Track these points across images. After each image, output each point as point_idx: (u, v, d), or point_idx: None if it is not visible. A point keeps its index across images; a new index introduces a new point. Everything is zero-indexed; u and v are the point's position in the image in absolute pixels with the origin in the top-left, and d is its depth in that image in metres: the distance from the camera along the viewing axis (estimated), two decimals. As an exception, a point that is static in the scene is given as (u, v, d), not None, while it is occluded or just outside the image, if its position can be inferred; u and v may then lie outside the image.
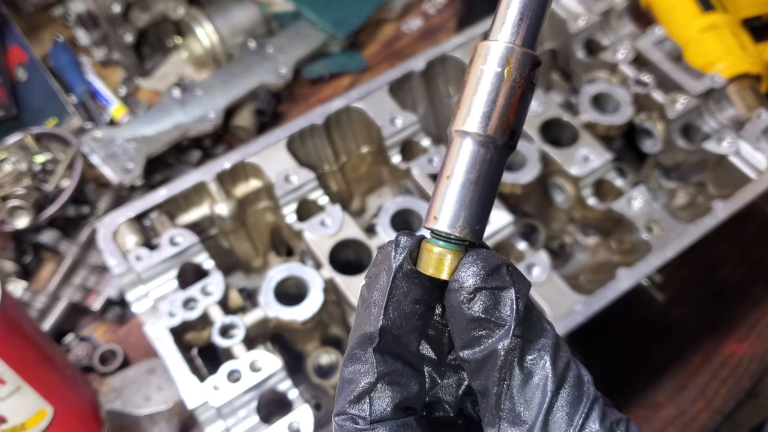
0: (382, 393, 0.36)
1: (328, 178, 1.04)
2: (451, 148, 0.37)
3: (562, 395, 0.35)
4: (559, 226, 1.05)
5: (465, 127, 0.36)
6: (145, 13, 1.26)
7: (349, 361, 0.37)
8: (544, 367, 0.35)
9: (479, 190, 0.37)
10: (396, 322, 0.37)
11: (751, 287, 1.11)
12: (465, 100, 0.37)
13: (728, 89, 1.03)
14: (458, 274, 0.36)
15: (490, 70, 0.36)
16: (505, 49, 0.36)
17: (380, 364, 0.36)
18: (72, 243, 1.06)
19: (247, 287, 1.02)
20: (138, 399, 0.90)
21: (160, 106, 1.18)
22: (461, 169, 0.37)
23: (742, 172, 0.94)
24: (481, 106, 0.36)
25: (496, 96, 0.36)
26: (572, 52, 1.08)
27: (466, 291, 0.35)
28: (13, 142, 1.10)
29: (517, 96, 0.36)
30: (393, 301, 0.36)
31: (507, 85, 0.36)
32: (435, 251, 0.37)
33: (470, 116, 0.36)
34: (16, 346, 0.75)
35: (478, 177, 0.37)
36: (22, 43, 1.21)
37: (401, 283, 0.37)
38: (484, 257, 0.36)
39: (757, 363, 1.03)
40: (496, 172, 0.37)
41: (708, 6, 1.15)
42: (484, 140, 0.36)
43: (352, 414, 0.36)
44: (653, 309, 1.07)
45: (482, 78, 0.37)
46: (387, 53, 1.38)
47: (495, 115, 0.36)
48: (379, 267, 0.37)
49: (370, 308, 0.37)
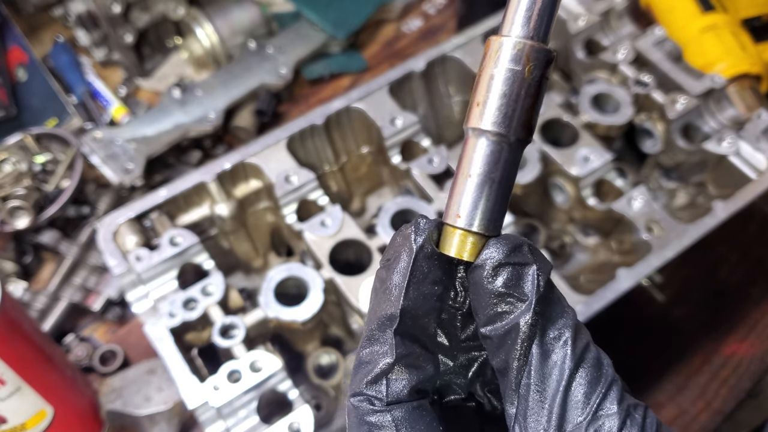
0: (399, 375, 0.37)
1: (328, 178, 1.04)
2: (468, 145, 0.37)
3: (581, 374, 0.35)
4: (559, 226, 1.05)
5: (482, 125, 0.36)
6: (145, 14, 1.26)
7: (367, 342, 0.38)
8: (563, 345, 0.36)
9: (496, 188, 0.37)
10: (415, 303, 0.37)
11: (751, 287, 1.11)
12: (480, 97, 0.37)
13: (728, 89, 1.03)
14: (484, 252, 0.37)
15: (506, 67, 0.36)
16: (520, 45, 0.36)
17: (399, 345, 0.37)
18: (72, 243, 1.06)
19: (247, 287, 1.02)
20: (138, 399, 0.90)
21: (160, 106, 1.18)
22: (478, 168, 0.37)
23: (742, 173, 0.94)
24: (498, 103, 0.36)
25: (512, 93, 0.36)
26: (572, 52, 1.08)
27: (490, 265, 0.36)
28: (13, 143, 1.10)
29: (534, 92, 0.36)
30: (414, 281, 0.37)
31: (523, 82, 0.36)
32: (458, 233, 0.37)
33: (486, 114, 0.36)
34: (16, 346, 0.75)
35: (495, 175, 0.37)
36: (22, 44, 1.21)
37: (422, 263, 0.37)
38: (508, 237, 0.37)
39: (757, 363, 1.03)
40: (512, 168, 0.38)
41: (708, 6, 1.15)
42: (500, 138, 0.36)
43: (368, 395, 0.37)
44: (653, 309, 1.07)
45: (497, 74, 0.36)
46: (387, 53, 1.38)
47: (512, 112, 0.36)
48: (398, 249, 0.38)
49: (390, 290, 0.37)
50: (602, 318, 0.81)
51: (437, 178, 0.93)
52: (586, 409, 0.35)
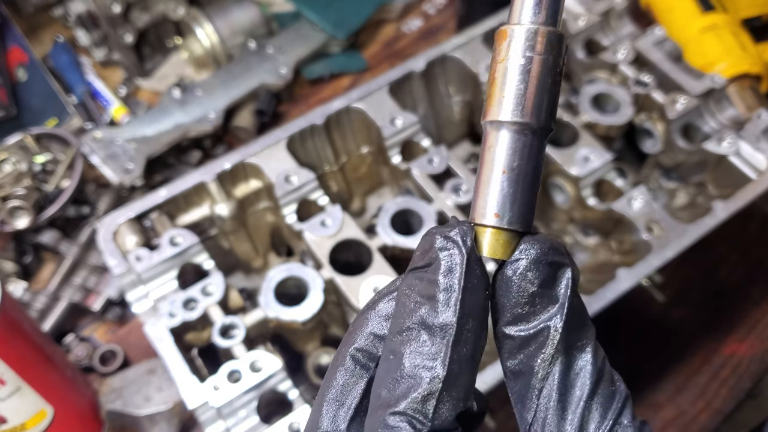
0: (447, 397, 0.33)
1: (328, 178, 1.04)
2: (487, 140, 0.36)
3: (601, 388, 0.35)
4: (559, 226, 1.05)
5: (501, 116, 0.35)
6: (145, 14, 1.26)
7: (413, 351, 0.34)
8: (586, 357, 0.35)
9: (523, 180, 0.35)
10: (472, 311, 0.34)
11: (751, 287, 1.11)
12: (495, 89, 0.36)
13: (728, 89, 1.03)
14: (521, 247, 0.35)
15: (520, 55, 0.35)
16: (530, 31, 0.35)
17: (452, 359, 0.33)
18: (72, 243, 1.06)
19: (247, 287, 1.02)
20: (138, 399, 0.90)
21: (160, 106, 1.18)
22: (502, 161, 0.35)
23: (742, 173, 0.94)
24: (515, 92, 0.35)
25: (529, 80, 0.35)
26: (572, 52, 1.08)
27: (526, 262, 0.34)
28: (13, 143, 1.10)
29: (551, 77, 0.35)
30: (468, 288, 0.34)
31: (539, 68, 0.35)
32: (489, 231, 0.35)
33: (505, 105, 0.35)
34: (16, 346, 0.75)
35: (520, 166, 0.35)
36: (22, 44, 1.21)
37: (474, 267, 0.34)
38: (544, 236, 0.36)
39: (757, 363, 1.03)
40: (538, 157, 0.36)
41: (708, 6, 1.15)
42: (520, 127, 0.35)
43: (411, 416, 0.32)
44: (653, 309, 1.07)
45: (512, 64, 0.35)
46: (387, 53, 1.38)
47: (531, 100, 0.35)
48: (441, 252, 0.34)
49: (442, 297, 0.34)
50: (602, 318, 0.81)
51: (437, 178, 0.93)
52: (603, 423, 0.34)
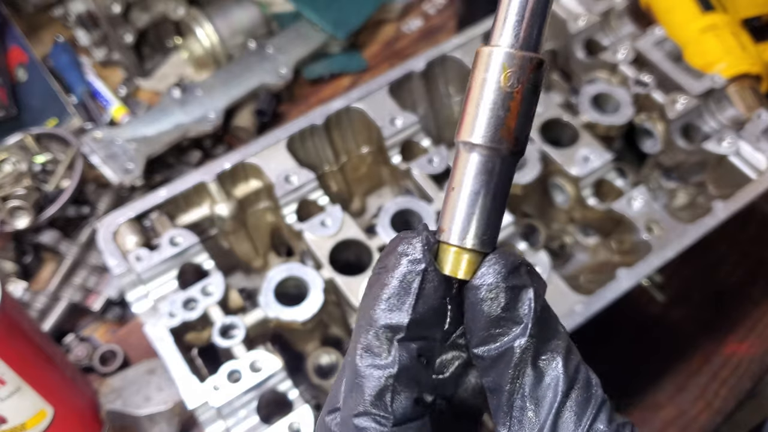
0: (402, 389, 0.36)
1: (328, 178, 1.04)
2: (458, 159, 0.37)
3: (572, 396, 0.36)
4: (559, 226, 1.05)
5: (469, 138, 0.36)
6: (145, 14, 1.26)
7: (366, 353, 0.36)
8: (556, 367, 0.36)
9: (489, 202, 0.37)
10: (423, 316, 0.36)
11: (751, 287, 1.11)
12: (468, 109, 0.37)
13: (728, 89, 1.03)
14: (480, 272, 0.36)
15: (490, 78, 0.36)
16: (503, 55, 0.36)
17: (402, 357, 0.36)
18: (72, 243, 1.06)
19: (247, 287, 1.02)
20: (138, 399, 0.90)
21: (160, 106, 1.18)
22: (468, 181, 0.37)
23: (742, 172, 0.94)
24: (483, 116, 0.36)
25: (495, 105, 0.36)
26: (572, 52, 1.08)
27: (487, 288, 0.36)
28: (13, 143, 1.10)
29: (516, 102, 0.36)
30: (423, 295, 0.36)
31: (513, 94, 0.36)
32: (452, 250, 0.37)
33: (472, 127, 0.36)
34: (16, 346, 0.75)
35: (487, 189, 0.37)
36: (22, 44, 1.21)
37: (431, 278, 0.36)
38: (505, 257, 0.36)
39: (757, 363, 1.03)
40: (504, 181, 0.37)
41: (708, 6, 1.15)
42: (488, 151, 0.36)
43: (374, 414, 0.35)
44: (653, 309, 1.07)
45: (483, 86, 0.36)
46: (387, 53, 1.38)
47: (496, 124, 0.36)
48: (399, 259, 0.37)
49: (395, 301, 0.36)
50: (602, 318, 0.81)
51: (437, 178, 0.93)
52: (578, 429, 0.35)
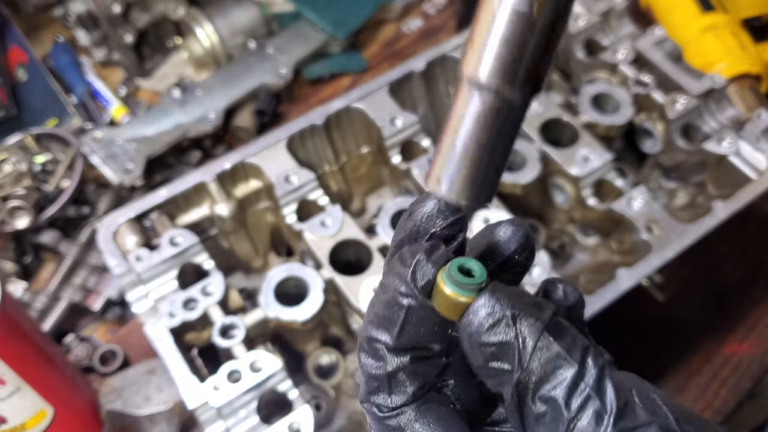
0: (400, 384, 0.36)
1: (328, 178, 1.04)
2: (461, 95, 0.31)
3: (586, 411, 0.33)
4: (559, 226, 1.05)
5: (480, 76, 0.29)
6: (145, 14, 1.26)
7: (363, 351, 0.37)
8: (555, 405, 0.34)
9: (492, 154, 0.31)
10: (411, 339, 0.36)
11: (751, 287, 1.11)
12: (479, 37, 0.29)
13: (728, 89, 1.03)
14: (461, 322, 0.35)
15: (510, 6, 0.28)
16: None
17: (394, 362, 0.36)
18: (72, 243, 1.06)
19: (247, 287, 1.02)
20: (138, 399, 0.90)
21: (160, 106, 1.18)
22: (472, 129, 0.31)
23: (742, 172, 0.94)
24: (501, 52, 0.29)
25: (520, 39, 0.28)
26: (572, 52, 1.08)
27: (467, 342, 0.35)
28: (13, 143, 1.10)
29: (545, 38, 0.29)
30: (409, 324, 0.36)
31: (535, 26, 0.28)
32: (448, 293, 0.34)
33: (486, 62, 0.29)
34: (16, 346, 0.75)
35: (491, 139, 0.31)
36: (22, 44, 1.21)
37: (417, 313, 0.36)
38: (489, 306, 0.34)
39: (757, 363, 1.03)
40: (514, 128, 0.31)
41: (708, 6, 1.15)
42: (503, 97, 0.30)
43: (374, 402, 0.37)
44: (653, 309, 1.07)
45: (500, 14, 0.28)
46: (387, 53, 1.38)
47: (518, 65, 0.29)
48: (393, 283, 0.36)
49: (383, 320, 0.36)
50: (602, 318, 0.81)
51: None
52: None
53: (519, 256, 0.39)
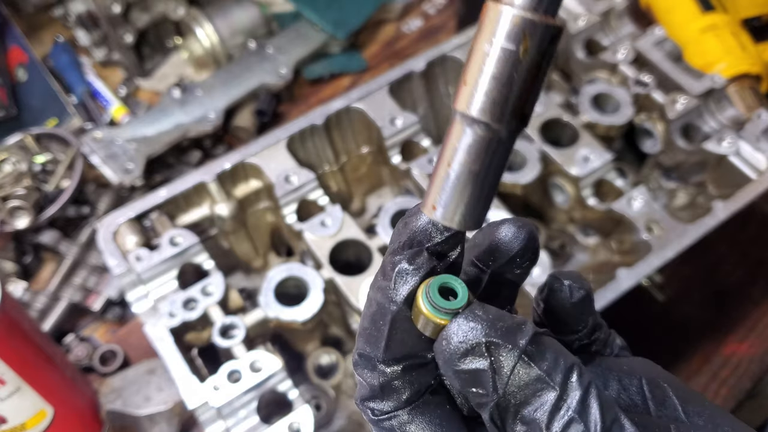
0: (391, 393, 0.37)
1: (328, 178, 1.04)
2: (454, 129, 0.33)
3: None
4: (559, 226, 1.05)
5: (471, 111, 0.32)
6: (145, 14, 1.26)
7: (356, 366, 0.38)
8: (536, 428, 0.33)
9: (483, 182, 0.33)
10: (398, 350, 0.36)
11: (751, 287, 1.11)
12: (470, 77, 0.32)
13: (728, 89, 1.03)
14: (436, 349, 0.34)
15: (502, 45, 0.31)
16: (521, 20, 0.30)
17: (384, 374, 0.36)
18: (72, 243, 1.06)
19: (247, 287, 1.02)
20: (138, 399, 0.90)
21: (160, 106, 1.18)
22: (464, 159, 0.33)
23: (742, 172, 0.94)
24: (491, 89, 0.31)
25: (508, 78, 0.31)
26: (572, 52, 1.08)
27: (443, 367, 0.35)
28: (13, 143, 1.10)
29: (532, 77, 0.31)
30: (394, 338, 0.36)
31: (519, 64, 0.31)
32: (424, 312, 0.34)
33: (476, 99, 0.31)
34: (16, 346, 0.75)
35: (483, 168, 0.33)
36: (22, 44, 1.21)
37: (402, 324, 0.35)
38: (462, 333, 0.33)
39: (757, 363, 1.03)
40: (503, 159, 0.34)
41: (708, 6, 1.15)
42: (492, 129, 0.32)
43: (368, 407, 0.38)
44: (653, 309, 1.07)
45: (492, 53, 0.31)
46: (387, 53, 1.38)
47: (505, 100, 0.31)
48: (377, 295, 0.36)
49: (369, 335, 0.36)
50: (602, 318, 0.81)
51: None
52: None
53: (521, 258, 0.38)
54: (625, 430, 0.33)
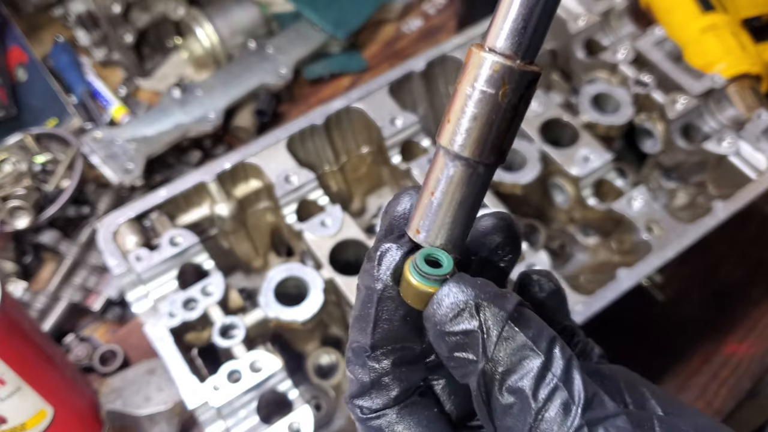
0: (382, 389, 0.38)
1: (328, 178, 1.04)
2: (437, 162, 0.36)
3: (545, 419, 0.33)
4: (559, 226, 1.05)
5: (453, 147, 0.35)
6: (145, 14, 1.26)
7: (348, 362, 0.39)
8: (522, 395, 0.33)
9: (463, 210, 0.36)
10: (386, 335, 0.37)
11: (751, 287, 1.11)
12: (453, 116, 0.35)
13: (728, 89, 1.03)
14: (425, 313, 0.35)
15: (483, 89, 0.34)
16: (500, 67, 0.33)
17: (374, 369, 0.37)
18: (72, 243, 1.06)
19: (247, 287, 1.02)
20: (138, 399, 0.90)
21: (160, 106, 1.18)
22: (446, 189, 0.36)
23: (742, 172, 0.94)
24: (474, 129, 0.34)
25: (489, 119, 0.34)
26: (572, 52, 1.08)
27: (432, 332, 0.35)
28: (13, 143, 1.10)
29: (510, 118, 0.34)
30: (382, 319, 0.37)
31: (497, 107, 0.34)
32: (413, 283, 0.36)
33: (458, 136, 0.34)
34: (16, 346, 0.75)
35: (463, 198, 0.36)
36: (22, 44, 1.21)
37: (387, 303, 0.37)
38: (452, 295, 0.35)
39: (757, 363, 1.03)
40: (482, 190, 0.36)
41: (708, 6, 1.15)
42: (472, 164, 0.35)
43: (357, 404, 0.39)
44: (653, 309, 1.07)
45: (474, 96, 0.34)
46: (387, 53, 1.38)
47: (485, 139, 0.34)
48: (364, 280, 0.37)
49: (359, 323, 0.38)
50: (602, 318, 0.81)
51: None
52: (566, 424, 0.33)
53: (502, 250, 0.40)
54: (606, 404, 0.34)
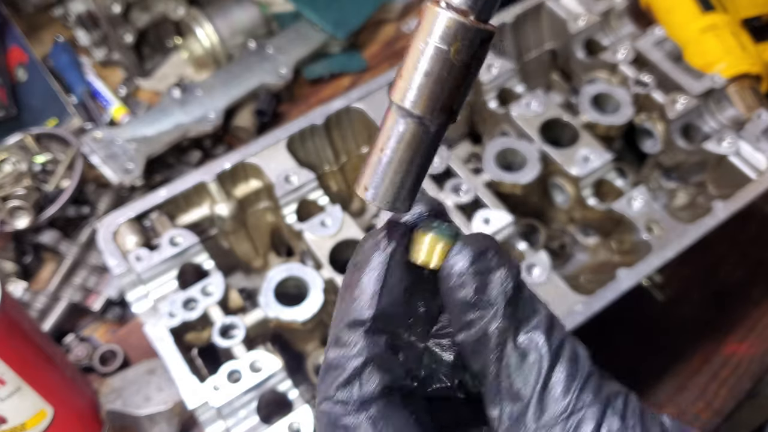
0: (370, 376, 0.37)
1: (329, 178, 1.04)
2: (389, 118, 0.36)
3: (557, 371, 0.36)
4: (559, 226, 1.05)
5: (404, 104, 0.35)
6: (145, 14, 1.26)
7: (335, 345, 0.38)
8: (537, 345, 0.36)
9: (412, 168, 0.36)
10: (388, 308, 0.37)
11: (751, 287, 1.11)
12: (406, 72, 0.34)
13: (728, 89, 1.03)
14: (447, 261, 0.37)
15: (435, 45, 0.33)
16: (454, 23, 0.33)
17: (369, 347, 0.37)
18: (72, 243, 1.06)
19: (247, 287, 1.02)
20: (138, 399, 0.90)
21: (160, 106, 1.18)
22: (395, 146, 0.36)
23: (742, 172, 0.94)
24: (425, 85, 0.34)
25: (440, 76, 0.34)
26: (572, 52, 1.08)
27: (456, 276, 0.36)
28: (13, 143, 1.10)
29: (462, 76, 0.34)
30: (387, 287, 0.37)
31: (449, 64, 0.33)
32: (426, 240, 0.37)
33: (410, 93, 0.34)
34: (16, 346, 0.75)
35: (412, 155, 0.36)
36: (22, 44, 1.21)
37: (395, 270, 0.37)
38: (472, 242, 0.37)
39: (757, 363, 1.03)
40: (431, 148, 0.36)
41: (708, 6, 1.15)
42: (422, 121, 0.35)
43: (339, 399, 0.37)
44: (653, 309, 1.07)
45: (429, 52, 0.33)
46: (387, 53, 1.38)
47: (437, 96, 0.34)
48: (368, 253, 0.38)
49: (361, 293, 0.38)
50: (602, 318, 0.81)
51: (437, 178, 0.93)
52: (564, 403, 0.36)
53: None
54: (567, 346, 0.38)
